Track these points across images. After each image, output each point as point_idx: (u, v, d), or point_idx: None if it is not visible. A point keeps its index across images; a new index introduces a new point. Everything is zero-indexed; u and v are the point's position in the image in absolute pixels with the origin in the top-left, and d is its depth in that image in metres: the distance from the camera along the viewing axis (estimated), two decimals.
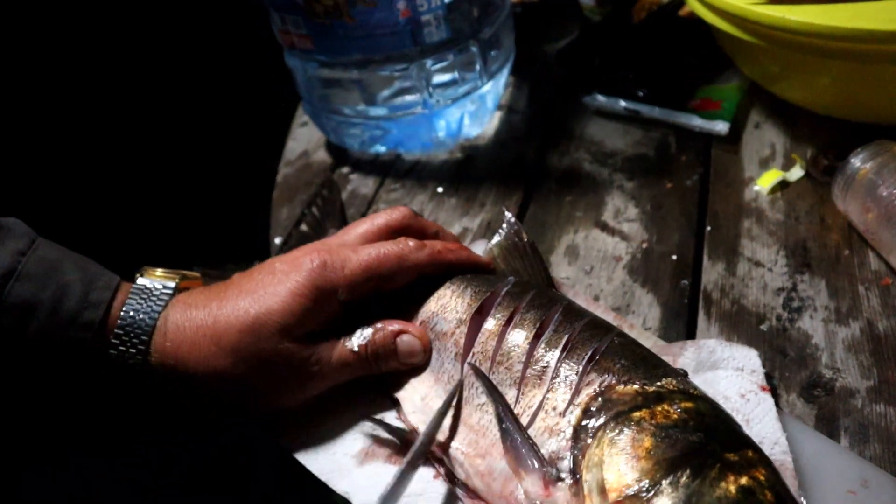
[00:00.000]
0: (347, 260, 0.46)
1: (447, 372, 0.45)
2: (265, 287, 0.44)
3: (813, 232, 0.58)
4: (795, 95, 0.65)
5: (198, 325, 0.43)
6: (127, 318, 0.43)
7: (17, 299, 0.40)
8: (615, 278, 0.57)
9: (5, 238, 0.42)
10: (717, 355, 0.48)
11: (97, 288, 0.43)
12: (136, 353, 0.42)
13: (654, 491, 0.34)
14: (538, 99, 0.78)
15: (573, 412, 0.39)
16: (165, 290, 0.44)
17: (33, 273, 0.41)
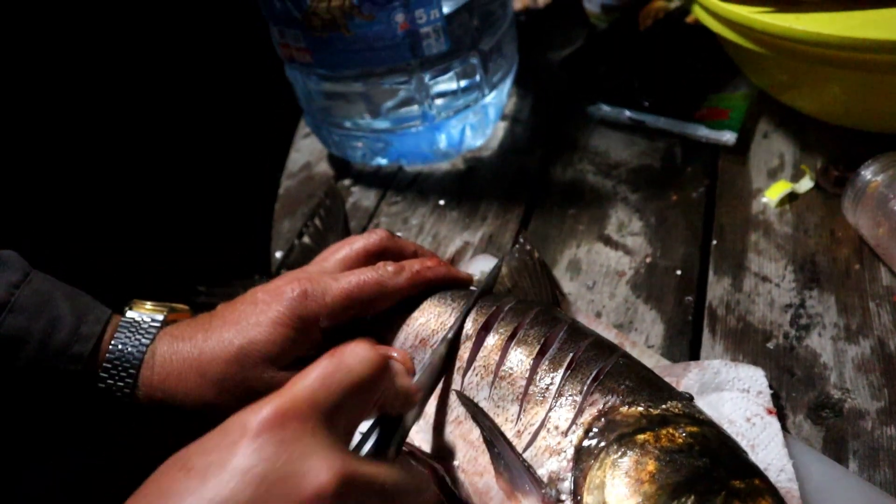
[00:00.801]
0: (328, 288, 0.46)
1: (446, 385, 0.44)
2: (248, 318, 0.45)
3: (822, 246, 0.56)
4: (804, 105, 0.64)
5: (184, 358, 0.44)
6: (116, 351, 0.44)
7: (9, 331, 0.41)
8: (618, 294, 0.56)
9: (0, 270, 0.43)
10: (721, 376, 0.47)
11: (88, 321, 0.44)
12: (123, 386, 0.43)
13: None
14: (542, 109, 0.77)
15: (575, 432, 0.38)
16: (154, 323, 0.45)
17: (26, 305, 0.42)
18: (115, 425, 0.47)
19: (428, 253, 0.54)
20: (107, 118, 0.88)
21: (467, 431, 0.42)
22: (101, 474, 0.51)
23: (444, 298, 0.49)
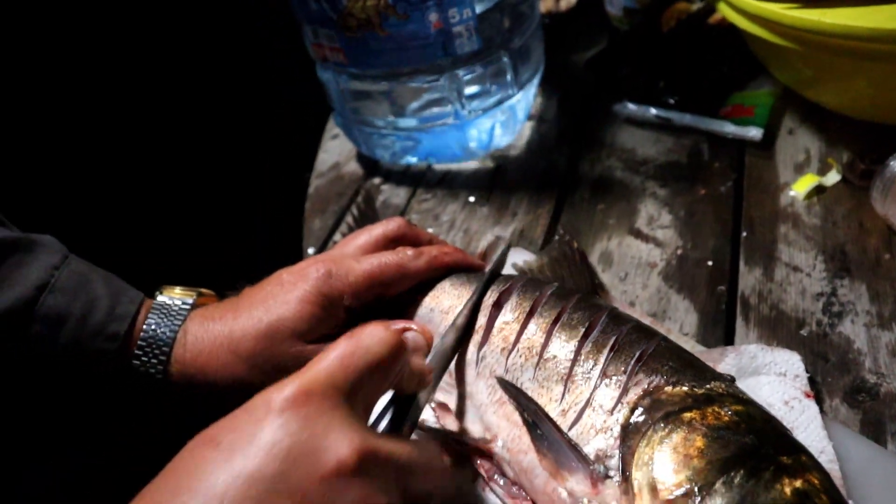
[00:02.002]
0: (351, 269, 0.48)
1: (489, 366, 0.45)
2: (275, 297, 0.47)
3: (852, 236, 0.57)
4: (830, 100, 0.65)
5: (215, 336, 0.46)
6: (149, 331, 0.46)
7: (50, 310, 0.43)
8: (650, 285, 0.57)
9: (40, 253, 0.45)
10: (758, 361, 0.48)
11: (122, 302, 0.46)
12: (157, 364, 0.45)
13: (708, 490, 0.33)
14: (568, 109, 0.78)
15: (621, 411, 0.39)
16: (184, 305, 0.47)
17: (65, 286, 0.44)
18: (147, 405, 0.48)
19: (443, 242, 0.57)
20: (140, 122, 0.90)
21: (511, 412, 0.42)
22: (101, 474, 0.53)
23: (459, 279, 0.51)
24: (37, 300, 0.43)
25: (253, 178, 1.00)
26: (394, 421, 0.38)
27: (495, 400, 0.44)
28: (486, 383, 0.45)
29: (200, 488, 0.28)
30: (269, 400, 0.30)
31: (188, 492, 0.28)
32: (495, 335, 0.46)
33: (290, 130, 0.97)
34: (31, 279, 0.43)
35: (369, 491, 0.30)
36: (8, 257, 0.44)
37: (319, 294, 0.47)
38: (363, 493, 0.30)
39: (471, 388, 0.45)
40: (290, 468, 0.29)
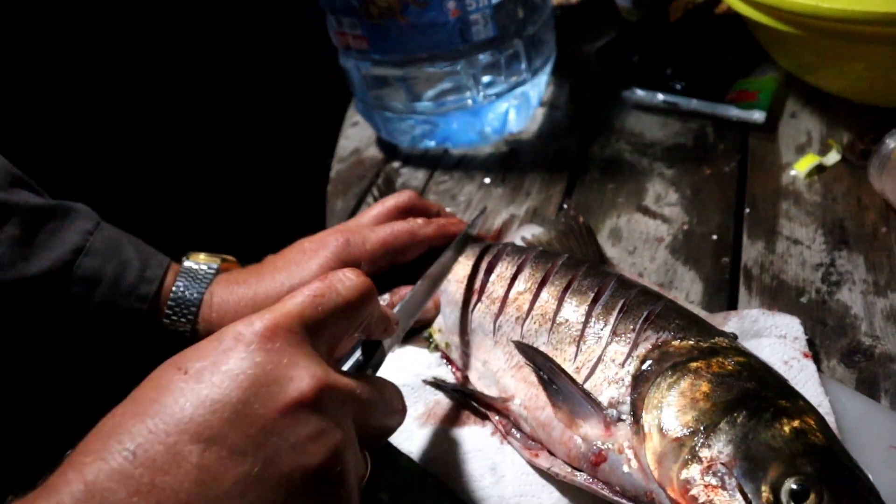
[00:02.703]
0: (367, 237, 0.53)
1: (506, 334, 0.48)
2: (297, 263, 0.51)
3: (850, 212, 0.60)
4: (831, 84, 0.68)
5: (239, 299, 0.50)
6: (178, 293, 0.50)
7: (86, 272, 0.47)
8: (658, 257, 0.60)
9: (76, 219, 0.49)
10: (759, 324, 0.51)
11: (152, 266, 0.50)
12: (186, 323, 0.49)
13: (713, 429, 0.37)
14: (579, 96, 0.81)
15: (632, 363, 0.42)
16: (209, 270, 0.51)
17: (99, 249, 0.48)
18: None
19: (449, 213, 0.61)
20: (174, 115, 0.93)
21: (527, 374, 0.45)
22: None
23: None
24: (74, 262, 0.47)
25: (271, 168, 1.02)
26: (359, 364, 0.40)
27: (512, 365, 0.47)
28: (503, 350, 0.48)
29: (166, 412, 0.29)
30: (238, 332, 0.32)
31: (154, 415, 0.29)
32: (510, 305, 0.49)
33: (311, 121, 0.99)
34: (69, 243, 0.47)
35: (325, 426, 0.31)
36: (47, 222, 0.47)
37: (338, 261, 0.51)
38: (319, 426, 0.31)
39: (488, 355, 0.49)
40: (252, 397, 0.30)
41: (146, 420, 0.28)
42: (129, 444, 0.28)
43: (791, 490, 0.34)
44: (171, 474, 0.27)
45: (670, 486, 0.36)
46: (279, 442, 0.30)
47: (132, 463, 0.27)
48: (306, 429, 0.30)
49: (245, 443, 0.29)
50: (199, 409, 0.29)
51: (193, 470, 0.28)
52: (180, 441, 0.28)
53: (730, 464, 0.36)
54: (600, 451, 0.39)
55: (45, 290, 0.46)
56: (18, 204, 0.46)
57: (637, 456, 0.38)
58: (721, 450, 0.36)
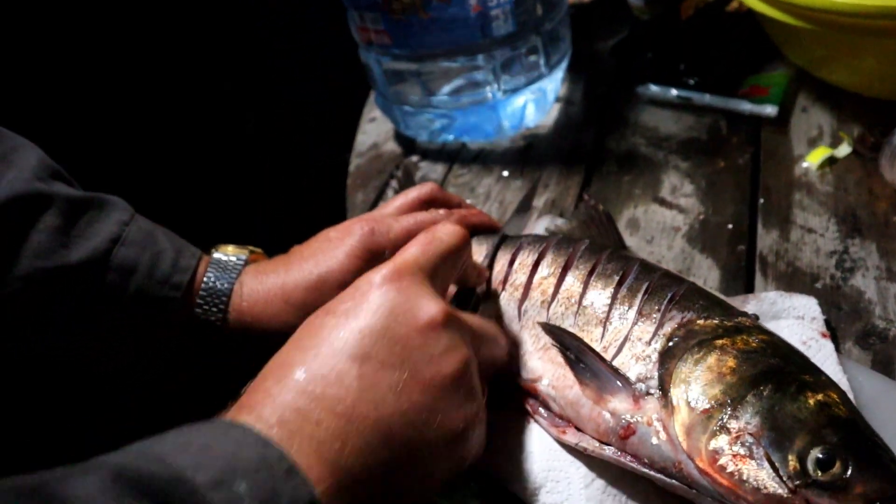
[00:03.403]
0: (391, 226, 0.54)
1: (531, 318, 0.49)
2: (324, 252, 0.52)
3: (862, 201, 0.62)
4: (842, 78, 0.69)
5: (268, 288, 0.51)
6: (209, 284, 0.51)
7: (122, 261, 0.48)
8: (675, 246, 0.61)
9: (111, 210, 0.50)
10: (777, 306, 0.52)
11: (185, 256, 0.51)
12: (217, 312, 0.51)
13: (740, 401, 0.38)
14: (594, 92, 0.83)
15: (658, 341, 0.43)
16: (238, 261, 0.53)
17: (135, 239, 0.50)
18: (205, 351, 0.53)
19: (470, 205, 0.63)
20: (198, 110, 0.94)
21: (554, 356, 0.47)
22: None
23: (483, 238, 0.57)
24: (111, 251, 0.48)
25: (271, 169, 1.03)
26: (460, 306, 0.47)
27: (539, 347, 0.48)
28: (529, 334, 0.49)
29: (324, 344, 0.36)
30: (370, 279, 0.39)
31: (314, 347, 0.36)
32: (534, 290, 0.51)
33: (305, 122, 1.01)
34: (105, 233, 0.49)
35: (455, 342, 0.38)
36: (85, 213, 0.49)
37: (364, 249, 0.52)
38: (451, 342, 0.38)
39: (514, 339, 0.50)
40: (392, 322, 0.37)
41: (310, 351, 0.36)
42: (300, 368, 0.35)
43: (817, 458, 0.36)
44: (336, 386, 0.34)
45: (699, 456, 0.38)
46: (419, 355, 0.36)
47: (306, 381, 0.34)
48: (439, 344, 0.37)
49: (392, 358, 0.36)
50: (351, 336, 0.36)
51: (354, 381, 0.34)
52: (340, 361, 0.35)
53: (757, 434, 0.37)
54: (629, 424, 0.41)
55: (84, 279, 0.47)
56: (59, 194, 0.48)
57: (666, 428, 0.40)
58: (749, 421, 0.38)
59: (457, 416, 0.37)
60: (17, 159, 0.48)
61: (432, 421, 0.36)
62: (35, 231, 0.46)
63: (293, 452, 0.31)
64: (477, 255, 0.55)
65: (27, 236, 0.46)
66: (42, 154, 0.50)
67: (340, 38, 0.78)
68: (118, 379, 0.56)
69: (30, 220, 0.46)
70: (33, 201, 0.47)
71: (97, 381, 0.56)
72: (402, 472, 0.35)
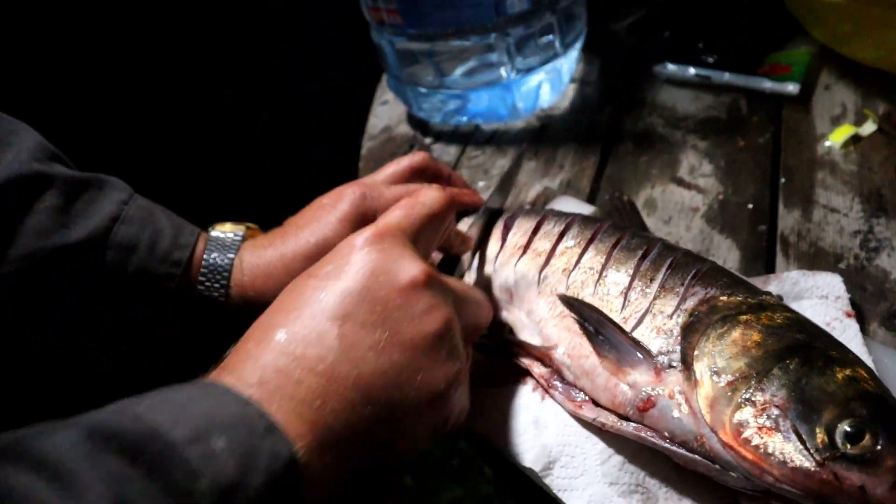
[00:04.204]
0: (382, 192, 0.55)
1: (550, 285, 0.48)
2: (318, 220, 0.53)
3: (888, 180, 0.60)
4: (868, 54, 0.68)
5: (268, 261, 0.52)
6: (209, 261, 0.51)
7: (123, 239, 0.48)
8: (693, 227, 0.60)
9: (111, 190, 0.50)
10: (800, 286, 0.51)
11: (184, 233, 0.51)
12: (220, 288, 0.51)
13: (766, 374, 0.37)
14: (610, 72, 0.82)
15: (680, 316, 0.42)
16: (236, 237, 0.53)
17: (134, 218, 0.49)
18: None
19: (461, 179, 0.65)
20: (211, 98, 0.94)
21: (571, 324, 0.46)
22: None
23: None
24: (111, 230, 0.48)
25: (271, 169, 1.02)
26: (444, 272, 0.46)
27: (556, 314, 0.47)
28: (546, 300, 0.48)
29: (307, 305, 0.36)
30: (352, 241, 0.39)
31: (296, 309, 0.36)
32: (557, 258, 0.50)
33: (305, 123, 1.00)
34: (105, 212, 0.48)
35: (437, 302, 0.38)
36: (84, 192, 0.49)
37: (356, 213, 0.53)
38: (432, 301, 0.38)
39: (532, 305, 0.49)
40: (374, 283, 0.37)
41: (291, 312, 0.36)
42: (282, 329, 0.35)
43: (845, 432, 0.34)
44: (317, 346, 0.34)
45: (723, 429, 0.37)
46: (400, 315, 0.36)
47: (287, 341, 0.34)
48: (421, 304, 0.37)
49: (373, 318, 0.36)
50: (332, 298, 0.36)
51: (335, 341, 0.34)
52: (321, 322, 0.35)
53: (783, 406, 0.36)
54: (649, 397, 0.40)
55: (84, 257, 0.47)
56: (58, 175, 0.48)
57: (688, 401, 0.39)
58: (775, 393, 0.36)
59: (438, 375, 0.37)
60: (16, 141, 0.47)
61: (413, 380, 0.36)
62: (35, 211, 0.46)
63: (273, 411, 0.31)
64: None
65: (27, 216, 0.46)
66: (40, 137, 0.50)
67: (340, 38, 0.77)
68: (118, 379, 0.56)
69: (30, 200, 0.46)
70: (33, 182, 0.46)
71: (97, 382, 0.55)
72: (383, 430, 0.35)
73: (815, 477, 0.34)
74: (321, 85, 0.98)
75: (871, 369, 0.39)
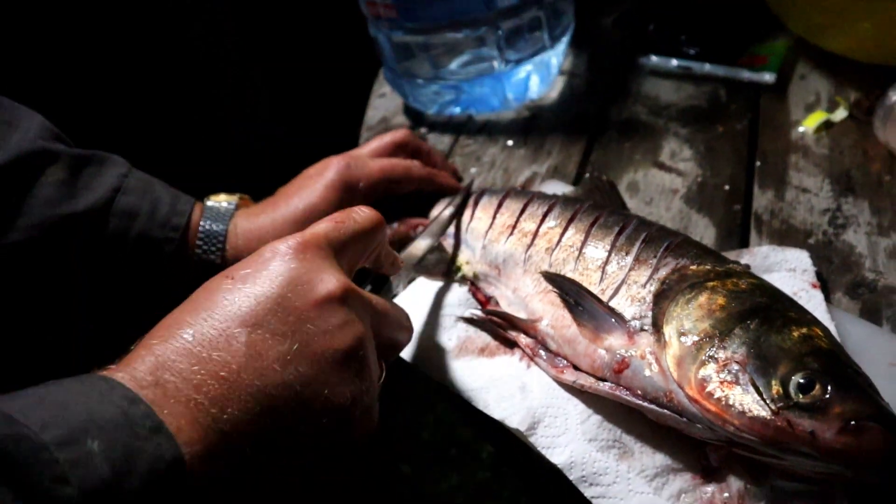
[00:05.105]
0: (366, 163, 0.61)
1: (535, 264, 0.52)
2: (306, 187, 0.59)
3: (856, 163, 0.64)
4: (839, 45, 0.71)
5: (261, 226, 0.57)
6: (205, 227, 0.56)
7: (124, 207, 0.53)
8: (673, 207, 0.64)
9: (111, 165, 0.55)
10: (770, 259, 0.54)
11: (181, 202, 0.56)
12: (216, 251, 0.56)
13: (728, 334, 0.40)
14: (597, 64, 0.85)
15: (653, 284, 0.46)
16: (229, 206, 0.58)
17: (135, 188, 0.54)
18: None
19: (440, 155, 0.71)
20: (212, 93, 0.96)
21: (554, 298, 0.49)
22: None
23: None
24: (113, 200, 0.53)
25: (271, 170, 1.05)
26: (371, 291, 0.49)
27: (540, 290, 0.51)
28: (531, 278, 0.52)
29: (218, 307, 0.34)
30: (275, 247, 0.38)
31: (207, 310, 0.34)
32: (540, 238, 0.53)
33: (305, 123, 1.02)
34: (107, 184, 0.53)
35: (350, 318, 0.37)
36: (87, 166, 0.53)
37: (341, 181, 0.58)
38: (347, 317, 0.37)
39: (518, 283, 0.53)
40: (290, 292, 0.36)
41: (201, 312, 0.34)
42: (189, 329, 0.33)
43: (798, 383, 0.38)
44: (224, 350, 0.33)
45: (688, 384, 0.40)
46: (312, 328, 0.35)
47: (192, 343, 0.33)
48: (334, 318, 0.36)
49: (284, 328, 0.35)
50: (245, 302, 0.35)
51: (242, 347, 0.33)
52: (231, 326, 0.34)
53: (743, 362, 0.39)
54: (623, 358, 0.43)
55: (90, 225, 0.52)
56: (62, 151, 0.52)
57: (658, 361, 0.42)
58: (735, 351, 0.40)
59: (344, 391, 0.35)
60: (22, 123, 0.52)
61: (319, 395, 0.34)
62: (43, 184, 0.51)
63: (165, 413, 0.30)
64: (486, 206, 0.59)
65: (36, 188, 0.50)
66: (44, 119, 0.54)
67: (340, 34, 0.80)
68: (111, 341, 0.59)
69: (37, 173, 0.51)
70: (40, 157, 0.51)
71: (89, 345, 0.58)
72: (282, 441, 0.33)
73: (770, 425, 0.38)
74: (322, 79, 0.99)
75: (826, 329, 0.43)
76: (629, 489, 0.43)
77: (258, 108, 1.05)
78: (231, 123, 1.02)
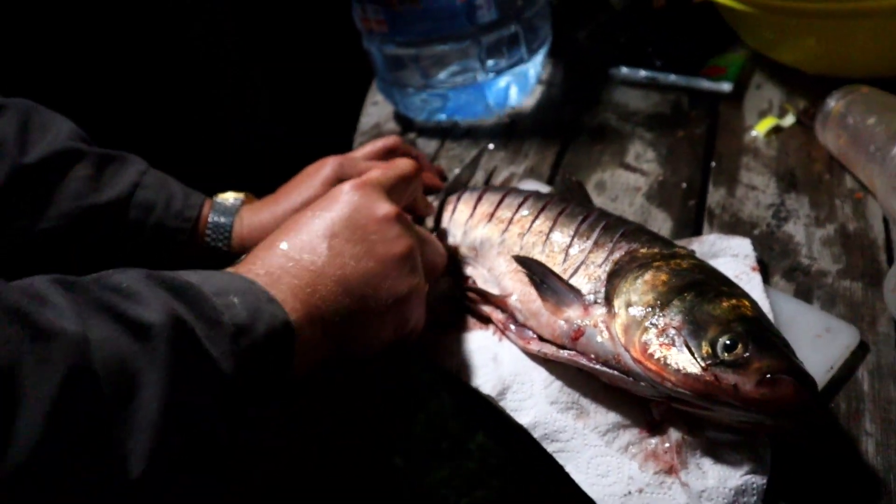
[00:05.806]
0: (358, 164, 0.68)
1: (507, 247, 0.58)
2: (303, 184, 0.66)
3: (800, 163, 0.71)
4: (788, 57, 0.78)
5: (263, 218, 0.64)
6: (214, 220, 0.64)
7: (143, 200, 0.61)
8: (636, 203, 0.70)
9: (131, 164, 0.63)
10: (716, 247, 0.61)
11: (193, 197, 0.64)
12: (223, 239, 0.63)
13: (668, 304, 0.47)
14: (572, 75, 0.92)
15: (608, 265, 0.52)
16: (236, 201, 0.66)
17: (152, 184, 0.62)
18: None
19: (424, 157, 0.79)
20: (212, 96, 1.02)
21: (522, 277, 0.56)
22: None
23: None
24: (133, 194, 0.60)
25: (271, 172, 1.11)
26: None
27: (511, 270, 0.57)
28: (504, 259, 0.59)
29: (304, 227, 0.47)
30: (340, 187, 0.51)
31: (296, 229, 0.47)
32: (514, 224, 0.60)
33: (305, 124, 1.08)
34: (127, 179, 0.61)
35: (403, 232, 0.50)
36: (109, 164, 0.61)
37: (336, 177, 0.65)
38: (400, 231, 0.50)
39: (492, 263, 0.59)
40: (355, 213, 0.48)
41: (292, 231, 0.47)
42: (285, 242, 0.46)
43: (724, 343, 0.44)
44: (311, 253, 0.46)
45: (633, 348, 0.47)
46: (375, 237, 0.48)
47: (287, 249, 0.46)
48: (391, 232, 0.49)
49: (355, 237, 0.47)
50: (324, 222, 0.48)
51: (325, 250, 0.46)
52: (315, 237, 0.47)
53: (679, 328, 0.46)
54: (580, 327, 0.50)
55: (112, 216, 0.59)
56: (88, 151, 0.60)
57: (608, 329, 0.49)
58: (673, 318, 0.47)
59: (402, 283, 0.48)
60: (54, 126, 0.60)
61: (383, 283, 0.47)
62: (71, 178, 0.58)
63: (274, 292, 0.42)
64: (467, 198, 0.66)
65: (65, 182, 0.58)
66: (73, 123, 0.62)
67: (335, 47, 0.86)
68: None
69: (66, 169, 0.59)
70: (69, 155, 0.59)
71: None
72: (358, 317, 0.46)
73: (700, 379, 0.44)
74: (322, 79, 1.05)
75: (754, 301, 0.49)
76: (584, 443, 0.49)
77: (258, 108, 1.11)
78: (231, 123, 1.07)
